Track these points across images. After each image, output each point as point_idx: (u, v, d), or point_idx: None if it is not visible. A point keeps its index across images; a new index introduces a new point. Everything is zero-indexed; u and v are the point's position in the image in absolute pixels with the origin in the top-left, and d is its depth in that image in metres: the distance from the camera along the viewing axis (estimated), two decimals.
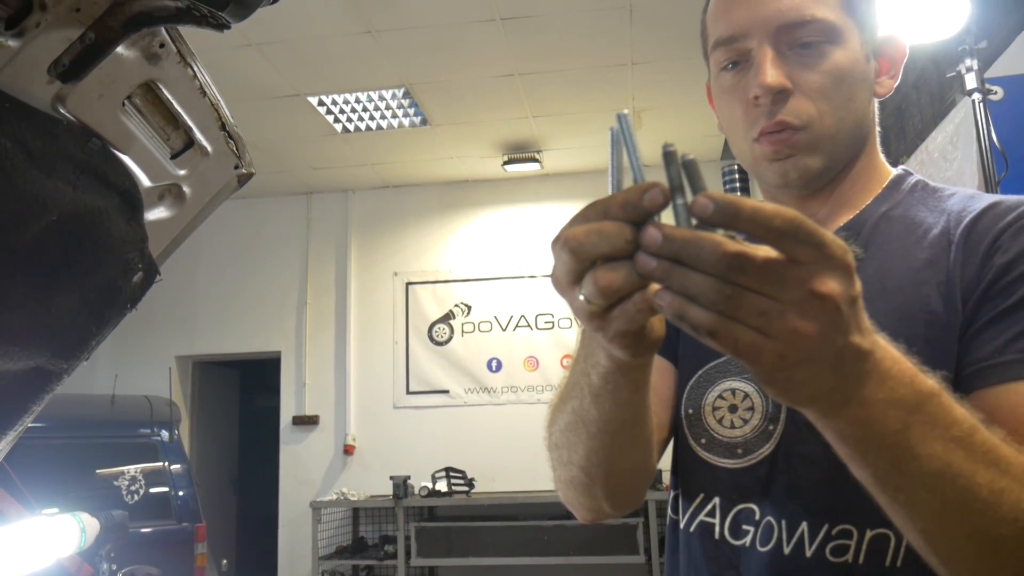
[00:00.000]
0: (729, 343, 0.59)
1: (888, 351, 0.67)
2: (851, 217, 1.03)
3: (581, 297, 0.63)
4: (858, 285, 0.62)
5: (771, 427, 0.99)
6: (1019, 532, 0.69)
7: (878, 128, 1.09)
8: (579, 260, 0.62)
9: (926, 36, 2.81)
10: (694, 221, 0.59)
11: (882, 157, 1.10)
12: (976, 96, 2.62)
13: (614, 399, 0.82)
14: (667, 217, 0.60)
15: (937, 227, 0.96)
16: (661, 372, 1.12)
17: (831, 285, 0.59)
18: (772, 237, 0.58)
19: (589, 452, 0.92)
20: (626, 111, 0.67)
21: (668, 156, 0.62)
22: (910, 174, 1.08)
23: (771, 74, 0.95)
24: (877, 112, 1.08)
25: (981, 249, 0.89)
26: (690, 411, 1.07)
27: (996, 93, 2.64)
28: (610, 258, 0.61)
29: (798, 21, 0.96)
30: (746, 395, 1.03)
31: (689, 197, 0.60)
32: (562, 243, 0.63)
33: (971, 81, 2.63)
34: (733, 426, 1.02)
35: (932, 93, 3.72)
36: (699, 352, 1.10)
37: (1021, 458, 0.72)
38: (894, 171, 1.09)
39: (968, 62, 2.64)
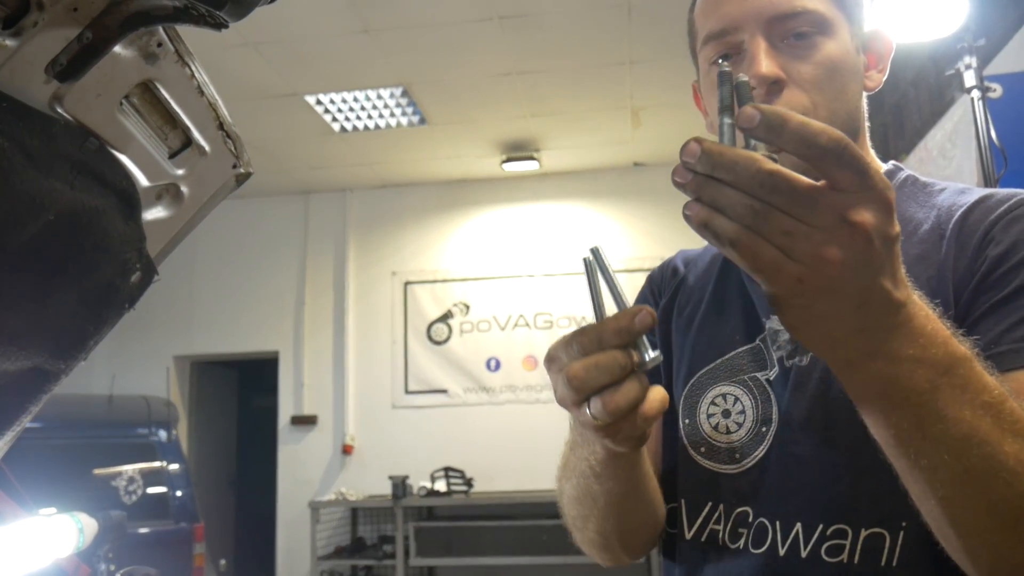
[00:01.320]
0: (748, 256, 0.59)
1: (923, 308, 0.66)
2: None
3: (588, 412, 0.70)
4: (897, 227, 0.61)
5: (763, 429, 0.99)
6: None
7: (867, 123, 1.08)
8: (583, 393, 0.70)
9: (925, 34, 2.81)
10: (739, 143, 0.60)
11: (872, 152, 1.09)
12: (975, 93, 2.62)
13: (615, 477, 0.91)
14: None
15: (928, 222, 0.95)
16: None
17: (865, 215, 0.58)
18: (815, 155, 0.57)
19: (601, 522, 1.01)
20: (597, 245, 0.74)
21: (723, 75, 0.64)
22: (900, 169, 1.07)
23: (765, 64, 0.94)
24: (867, 107, 1.08)
25: (973, 242, 0.89)
26: (687, 421, 1.08)
27: (995, 90, 2.64)
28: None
29: (790, 12, 0.95)
30: (736, 399, 1.03)
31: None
32: (566, 380, 0.70)
33: (970, 79, 2.63)
34: (728, 431, 1.02)
35: (931, 91, 3.72)
36: (688, 361, 1.10)
37: None
38: (884, 166, 1.08)
39: (967, 59, 2.65)
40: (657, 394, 0.72)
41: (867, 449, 0.73)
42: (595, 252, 0.72)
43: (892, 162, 1.09)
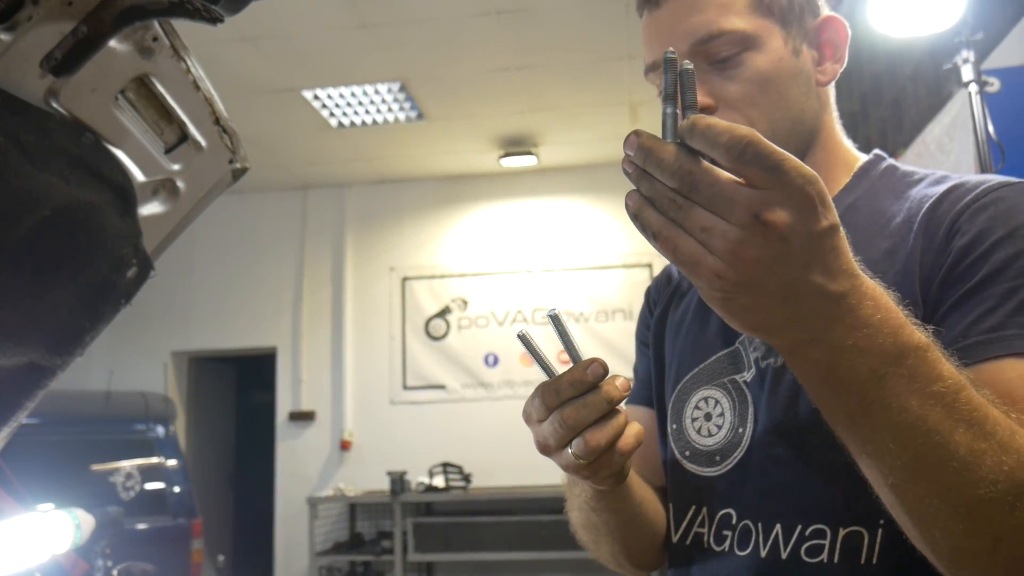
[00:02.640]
0: (669, 248, 0.63)
1: (871, 298, 0.66)
2: None
3: (570, 453, 0.78)
4: (825, 222, 0.62)
5: (741, 430, 0.99)
6: (998, 495, 0.66)
7: (836, 114, 1.06)
8: (573, 431, 0.77)
9: (923, 28, 2.80)
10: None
11: (847, 144, 1.08)
12: (972, 88, 2.62)
13: (609, 509, 1.00)
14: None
15: (899, 215, 0.94)
16: (643, 425, 1.17)
17: (779, 214, 0.60)
18: (719, 155, 0.60)
19: (610, 545, 1.09)
20: (556, 310, 0.83)
21: (668, 63, 0.66)
22: (882, 159, 1.06)
23: None
24: (832, 100, 1.06)
25: (940, 234, 0.87)
26: (674, 426, 1.09)
27: (992, 85, 2.64)
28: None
29: (707, 36, 0.95)
30: (716, 402, 1.03)
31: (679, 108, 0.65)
32: (559, 421, 0.77)
33: (967, 73, 2.63)
34: (710, 434, 1.03)
35: (929, 85, 3.72)
36: (676, 367, 1.12)
37: (1008, 421, 0.69)
38: (864, 157, 1.07)
39: (964, 54, 2.64)
40: (632, 430, 0.79)
41: (841, 448, 0.73)
42: (554, 318, 0.82)
43: (875, 152, 1.08)
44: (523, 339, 0.85)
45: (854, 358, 0.65)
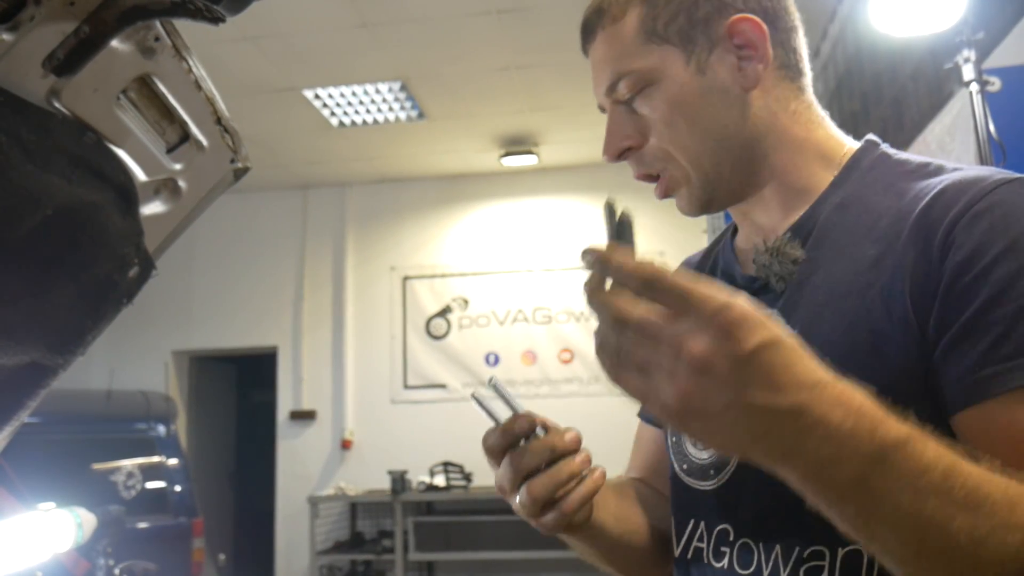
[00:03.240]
0: (622, 386, 0.66)
1: (839, 405, 0.64)
2: (804, 212, 0.96)
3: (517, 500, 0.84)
4: (749, 345, 0.61)
5: None
6: (1009, 575, 0.65)
7: (798, 107, 0.98)
8: (519, 474, 0.85)
9: (923, 27, 2.80)
10: None
11: (827, 132, 1.00)
12: (973, 87, 2.62)
13: (580, 543, 1.03)
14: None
15: (889, 215, 0.88)
16: (655, 440, 1.20)
17: (699, 345, 0.61)
18: (637, 290, 0.63)
19: (606, 565, 1.11)
20: (495, 379, 0.92)
21: (607, 209, 0.72)
22: (876, 146, 0.99)
23: (606, 146, 1.02)
24: (791, 96, 0.98)
25: (934, 244, 0.81)
26: (674, 439, 1.08)
27: (993, 84, 2.64)
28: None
29: (609, 86, 1.00)
30: None
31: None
32: (508, 463, 0.85)
33: (968, 72, 2.63)
34: (704, 447, 1.02)
35: (929, 84, 3.72)
36: None
37: (1007, 494, 0.66)
38: (854, 145, 1.00)
39: (965, 53, 2.64)
40: (578, 494, 0.87)
41: None
42: (495, 384, 0.90)
43: (867, 138, 1.01)
44: (476, 399, 0.91)
45: (834, 468, 0.64)
